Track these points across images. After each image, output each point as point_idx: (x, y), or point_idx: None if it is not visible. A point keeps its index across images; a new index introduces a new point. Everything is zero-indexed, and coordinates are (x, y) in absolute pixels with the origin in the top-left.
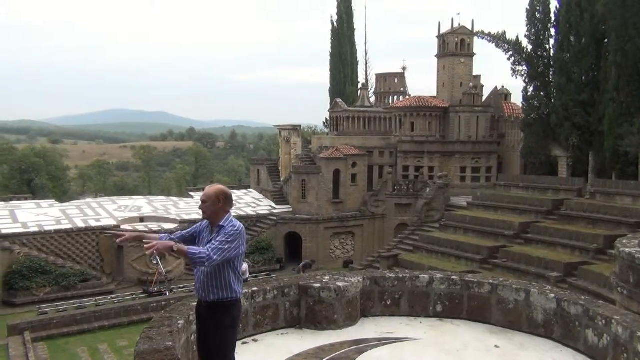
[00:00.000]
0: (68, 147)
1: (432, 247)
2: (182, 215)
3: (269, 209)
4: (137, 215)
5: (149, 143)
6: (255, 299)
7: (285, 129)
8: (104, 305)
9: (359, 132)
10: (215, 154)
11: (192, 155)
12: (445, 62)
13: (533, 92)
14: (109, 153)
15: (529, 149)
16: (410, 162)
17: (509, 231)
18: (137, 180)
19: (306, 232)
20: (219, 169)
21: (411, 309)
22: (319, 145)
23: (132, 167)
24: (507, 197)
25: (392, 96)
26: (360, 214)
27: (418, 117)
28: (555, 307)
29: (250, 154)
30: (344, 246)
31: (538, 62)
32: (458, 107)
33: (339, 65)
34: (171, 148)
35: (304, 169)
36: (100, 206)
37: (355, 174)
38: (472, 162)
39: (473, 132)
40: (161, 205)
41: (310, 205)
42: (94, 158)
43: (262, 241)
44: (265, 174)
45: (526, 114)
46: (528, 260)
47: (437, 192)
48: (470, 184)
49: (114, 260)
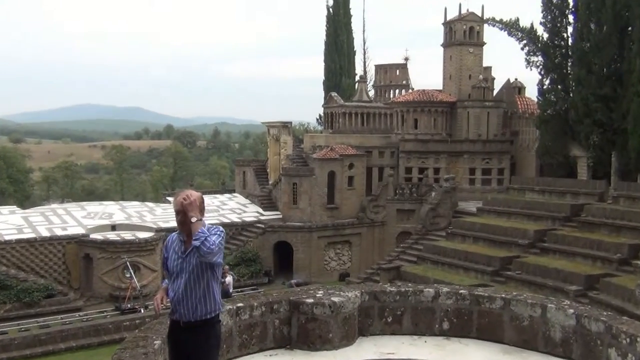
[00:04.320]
0: (31, 147)
1: (437, 257)
2: (158, 223)
3: (256, 215)
4: (108, 223)
5: (121, 142)
6: (241, 317)
7: (274, 127)
8: (71, 323)
9: (356, 129)
10: (195, 154)
11: (169, 156)
12: (452, 52)
13: (549, 85)
14: (77, 153)
15: (545, 149)
16: (414, 163)
17: (523, 240)
18: (108, 183)
19: (297, 242)
20: (200, 171)
21: (415, 326)
22: (311, 145)
23: (103, 169)
24: (521, 202)
25: (393, 90)
26: (357, 221)
27: (422, 113)
28: (574, 324)
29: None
30: (339, 257)
31: (555, 52)
32: (466, 102)
33: (334, 55)
34: (146, 148)
35: (295, 170)
36: (67, 213)
37: (353, 177)
38: (482, 163)
39: (483, 129)
40: (135, 212)
41: (302, 212)
42: (60, 159)
43: (248, 252)
44: (251, 177)
45: (542, 109)
46: (544, 272)
47: (443, 196)
48: (480, 187)
49: (82, 274)
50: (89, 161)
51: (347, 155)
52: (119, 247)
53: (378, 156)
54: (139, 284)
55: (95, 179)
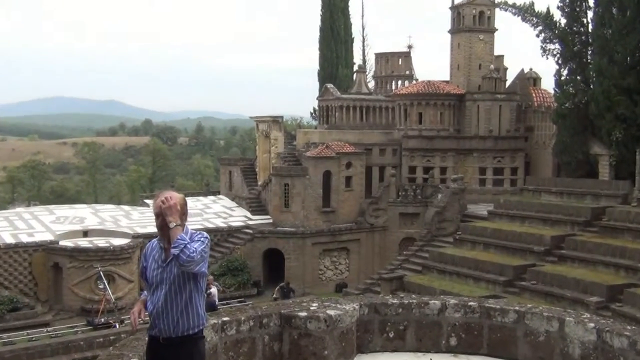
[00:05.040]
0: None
1: (444, 266)
2: (135, 229)
3: (244, 220)
4: (79, 229)
5: (95, 139)
6: (227, 332)
7: (264, 121)
8: (39, 340)
9: (354, 125)
10: (177, 152)
11: (148, 154)
12: (460, 39)
13: (567, 76)
14: (45, 151)
15: (562, 146)
16: (418, 162)
17: (539, 247)
18: (80, 184)
19: (289, 249)
20: (181, 171)
21: (419, 342)
22: (305, 142)
23: (74, 168)
24: (537, 205)
25: (395, 81)
26: (356, 225)
27: (427, 106)
28: (595, 339)
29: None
30: (336, 266)
31: (573, 40)
32: (476, 94)
33: (330, 42)
34: (123, 145)
35: (287, 170)
36: (33, 217)
37: (350, 177)
38: (494, 162)
39: (495, 124)
40: (109, 216)
41: (295, 216)
42: (26, 157)
43: (234, 260)
44: (238, 177)
45: (559, 102)
46: (562, 282)
47: (450, 198)
48: (492, 188)
49: (51, 285)
50: (59, 160)
51: (345, 153)
52: (91, 256)
53: (379, 154)
54: (113, 296)
55: (65, 180)
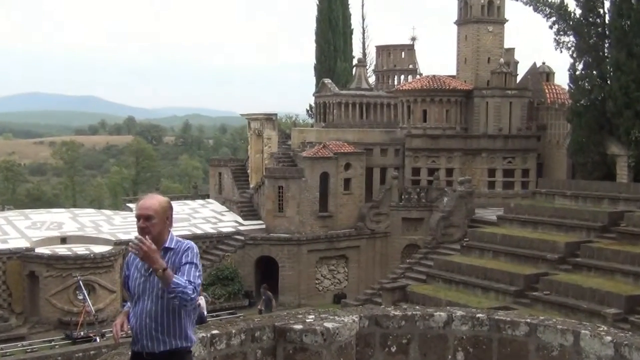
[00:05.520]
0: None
1: (451, 275)
2: (118, 235)
3: (235, 225)
4: (57, 235)
5: (73, 138)
6: (216, 346)
7: (256, 119)
8: (13, 355)
9: (354, 123)
10: (162, 151)
11: (131, 154)
12: (467, 30)
13: (583, 70)
14: (20, 151)
15: (578, 146)
16: (422, 163)
17: (553, 254)
18: (58, 187)
19: (284, 257)
20: (167, 172)
21: (423, 357)
22: (301, 141)
23: (51, 169)
24: (550, 209)
25: (397, 75)
26: (355, 231)
27: (432, 103)
28: (612, 353)
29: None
30: (334, 275)
31: (589, 31)
32: (485, 90)
33: (327, 34)
34: (103, 144)
35: (281, 172)
36: (7, 222)
37: (350, 179)
38: (504, 163)
39: (505, 123)
40: (90, 221)
41: (290, 221)
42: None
43: (225, 269)
44: (229, 179)
45: (574, 99)
46: (577, 293)
47: (457, 202)
48: (502, 191)
49: (26, 295)
50: (35, 161)
51: (343, 153)
52: (70, 264)
53: (380, 155)
54: (94, 308)
55: (42, 182)
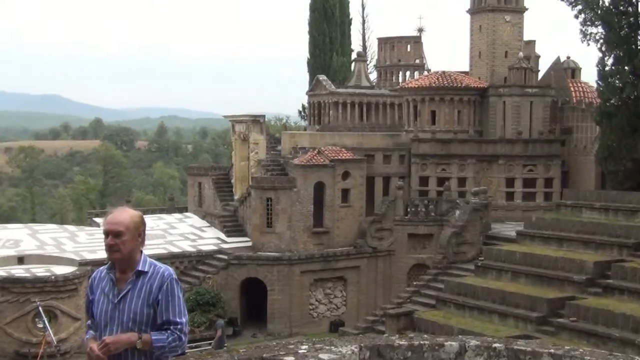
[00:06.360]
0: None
1: (464, 300)
2: (82, 254)
3: (217, 242)
4: (13, 254)
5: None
6: None
7: (242, 122)
8: None
9: (352, 125)
10: (134, 158)
11: (98, 162)
12: (482, 20)
13: (613, 65)
14: None
15: (608, 151)
16: (431, 172)
17: (580, 275)
18: (15, 199)
19: (273, 279)
20: (139, 182)
21: None
22: (292, 146)
23: (7, 179)
24: (577, 224)
25: (402, 71)
26: (355, 250)
27: (442, 103)
28: None
29: (188, 160)
30: (330, 299)
31: (620, 22)
32: (502, 88)
33: (322, 24)
34: (67, 150)
35: (270, 182)
36: None
37: (348, 190)
38: (524, 171)
39: (525, 125)
40: (51, 239)
41: (280, 238)
42: None
43: (205, 293)
44: (210, 190)
45: (603, 98)
46: (608, 319)
47: (471, 216)
48: (522, 203)
49: None
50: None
51: (341, 160)
52: (28, 287)
53: (382, 162)
54: (55, 338)
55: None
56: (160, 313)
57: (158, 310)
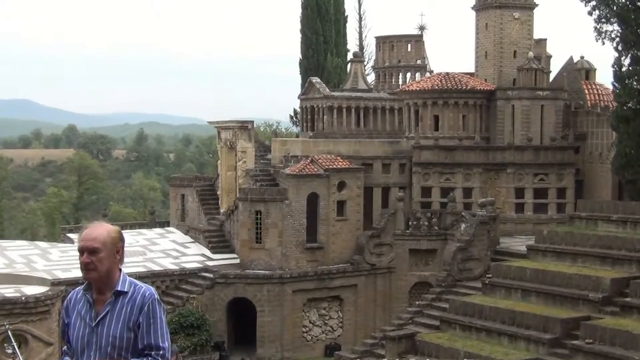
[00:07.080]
0: None
1: (470, 320)
2: (55, 273)
3: (201, 260)
4: None
5: (1, 152)
6: None
7: (228, 128)
8: None
9: (348, 132)
10: (111, 169)
11: (72, 172)
12: (488, 17)
13: (630, 66)
14: None
15: (625, 159)
16: (434, 181)
17: (596, 293)
18: None
19: (263, 299)
20: (117, 194)
21: None
22: (283, 155)
23: None
24: (593, 238)
25: (403, 73)
26: (352, 267)
27: (445, 107)
28: None
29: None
30: (325, 321)
31: (637, 19)
32: (511, 90)
33: (315, 22)
34: (38, 160)
35: (259, 193)
36: None
37: (344, 201)
38: (535, 181)
39: (535, 131)
40: (20, 256)
41: (270, 254)
42: None
43: (189, 314)
44: (194, 203)
45: (620, 101)
46: (627, 341)
47: (478, 230)
48: (532, 216)
49: None
50: None
51: (336, 169)
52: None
53: (381, 171)
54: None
55: None
56: (141, 337)
57: (139, 334)
